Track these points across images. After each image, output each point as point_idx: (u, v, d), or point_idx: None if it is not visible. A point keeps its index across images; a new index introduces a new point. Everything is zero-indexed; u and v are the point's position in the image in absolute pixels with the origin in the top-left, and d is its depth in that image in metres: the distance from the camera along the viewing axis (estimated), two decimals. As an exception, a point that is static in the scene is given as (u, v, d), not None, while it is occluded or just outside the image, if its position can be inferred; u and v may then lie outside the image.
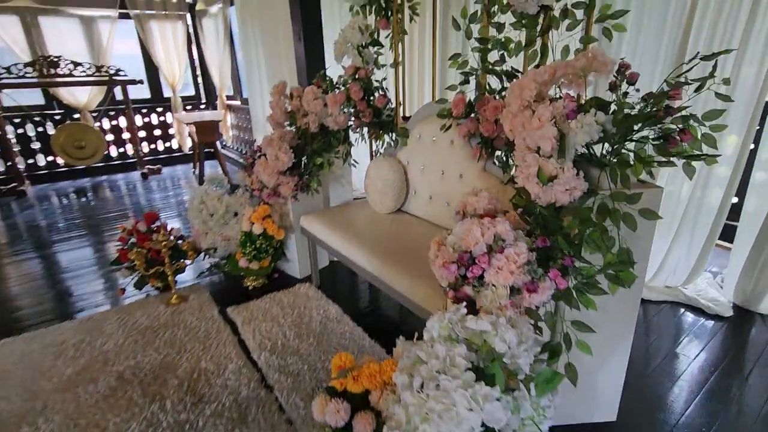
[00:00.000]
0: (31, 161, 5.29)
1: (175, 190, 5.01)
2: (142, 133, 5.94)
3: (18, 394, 1.74)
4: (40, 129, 5.24)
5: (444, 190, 2.10)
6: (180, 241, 2.49)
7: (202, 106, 6.51)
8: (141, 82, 5.30)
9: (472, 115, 1.77)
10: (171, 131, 6.25)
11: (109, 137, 5.68)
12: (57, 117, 5.30)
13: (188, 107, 6.33)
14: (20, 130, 5.13)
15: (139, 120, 5.87)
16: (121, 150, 5.88)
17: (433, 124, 2.11)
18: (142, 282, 2.45)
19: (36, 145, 5.28)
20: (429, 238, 2.01)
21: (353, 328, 2.14)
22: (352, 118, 2.52)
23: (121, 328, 2.19)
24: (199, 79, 6.40)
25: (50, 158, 5.40)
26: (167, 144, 6.27)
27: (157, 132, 6.15)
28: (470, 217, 1.32)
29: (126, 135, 5.78)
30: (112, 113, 5.65)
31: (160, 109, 6.07)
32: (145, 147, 6.01)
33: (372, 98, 2.43)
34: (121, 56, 5.59)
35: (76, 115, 5.37)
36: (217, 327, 2.18)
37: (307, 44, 3.31)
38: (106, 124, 5.66)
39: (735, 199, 2.16)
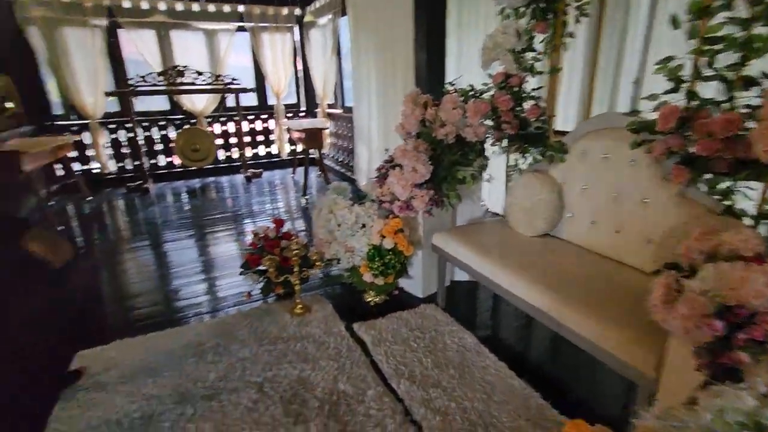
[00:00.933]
0: (153, 161, 5.79)
1: (274, 194, 5.17)
2: (246, 138, 6.26)
3: (169, 396, 1.75)
4: (163, 132, 5.72)
5: (615, 215, 1.81)
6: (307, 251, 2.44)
7: (302, 114, 6.73)
8: (253, 90, 5.58)
9: (679, 130, 1.48)
10: (272, 137, 6.52)
11: (218, 141, 6.06)
12: (177, 122, 5.76)
13: (289, 114, 6.57)
14: (147, 133, 5.65)
15: (245, 126, 6.20)
16: (227, 154, 6.25)
17: (606, 138, 1.84)
18: (268, 288, 2.44)
19: (159, 147, 5.77)
20: (598, 271, 1.74)
21: (496, 363, 1.91)
22: (491, 130, 2.33)
23: (252, 335, 2.17)
24: (301, 88, 6.62)
25: (168, 159, 5.87)
26: (268, 149, 6.56)
27: (260, 137, 6.45)
28: (725, 261, 1.04)
29: (233, 140, 6.13)
30: (223, 119, 6.03)
31: (264, 116, 6.37)
32: (248, 151, 6.33)
33: (520, 108, 2.21)
34: (232, 67, 5.96)
35: (193, 120, 5.80)
36: (347, 344, 2.08)
37: (430, 52, 3.19)
38: (217, 129, 6.05)
39: None
